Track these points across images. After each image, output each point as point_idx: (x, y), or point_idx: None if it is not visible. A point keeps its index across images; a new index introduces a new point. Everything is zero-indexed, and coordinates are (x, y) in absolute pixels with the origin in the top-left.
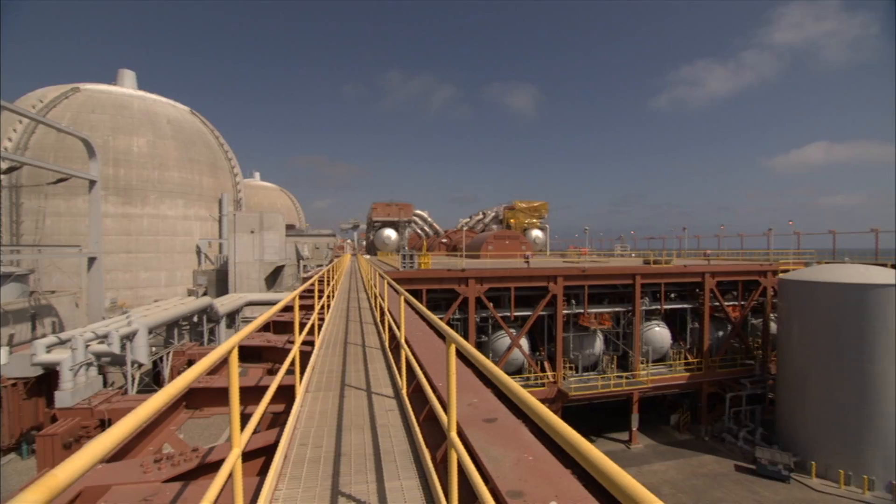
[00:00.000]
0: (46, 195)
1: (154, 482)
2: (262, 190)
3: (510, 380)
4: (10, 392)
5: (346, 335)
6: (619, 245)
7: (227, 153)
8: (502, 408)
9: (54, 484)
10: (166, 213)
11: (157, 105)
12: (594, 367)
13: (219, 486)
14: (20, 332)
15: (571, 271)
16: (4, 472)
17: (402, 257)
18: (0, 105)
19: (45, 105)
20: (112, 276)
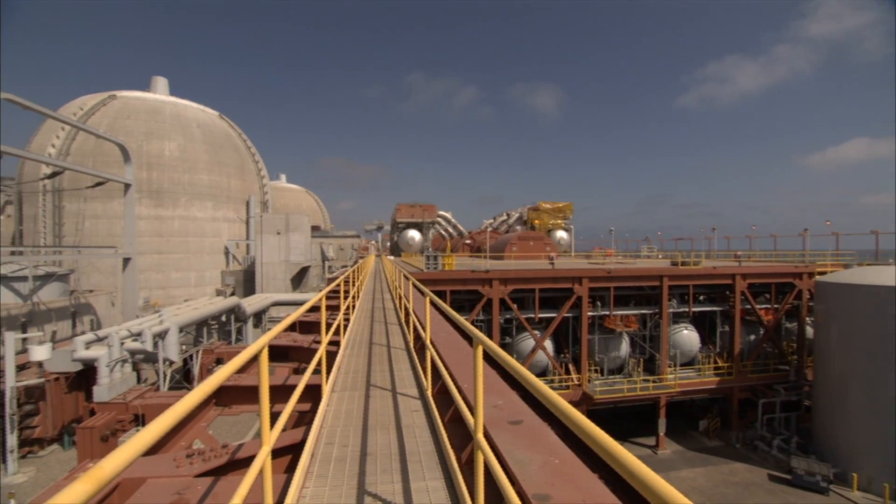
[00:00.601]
0: (86, 198)
1: (186, 476)
2: (288, 192)
3: (539, 381)
4: (52, 386)
5: (371, 335)
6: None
7: (255, 156)
8: (528, 410)
9: (102, 475)
10: (196, 214)
11: (187, 110)
12: (620, 371)
13: (250, 482)
14: (62, 329)
15: (597, 273)
16: (48, 462)
17: (425, 258)
18: (45, 113)
19: (85, 112)
20: (145, 276)
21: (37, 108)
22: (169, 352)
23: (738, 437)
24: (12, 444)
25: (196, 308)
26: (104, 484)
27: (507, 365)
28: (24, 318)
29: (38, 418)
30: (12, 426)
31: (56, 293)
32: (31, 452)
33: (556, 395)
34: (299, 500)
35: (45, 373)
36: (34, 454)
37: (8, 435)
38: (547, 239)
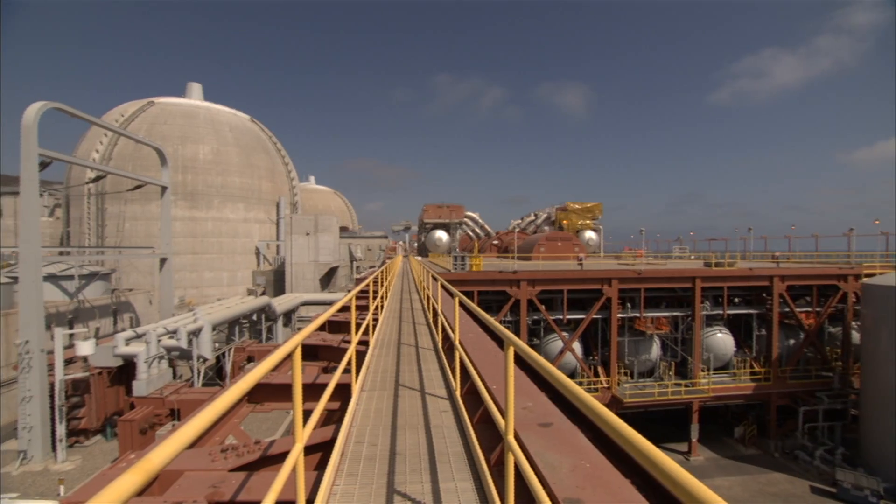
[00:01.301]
0: (126, 201)
1: (221, 470)
2: (317, 193)
3: (572, 383)
4: (96, 380)
5: (399, 335)
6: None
7: (284, 158)
8: (558, 412)
9: (150, 467)
10: (228, 216)
11: (220, 114)
12: (650, 374)
13: (284, 478)
14: (104, 325)
15: (626, 274)
16: (92, 451)
17: (453, 259)
18: (90, 120)
19: (126, 118)
20: (180, 275)
21: (82, 116)
22: (203, 349)
23: (777, 445)
24: (61, 433)
25: (228, 307)
26: (152, 475)
27: (540, 367)
28: (71, 315)
29: (83, 410)
30: (61, 417)
31: (99, 291)
32: (78, 442)
33: (590, 397)
34: (330, 498)
35: (90, 367)
36: (80, 444)
37: (57, 425)
38: (575, 239)
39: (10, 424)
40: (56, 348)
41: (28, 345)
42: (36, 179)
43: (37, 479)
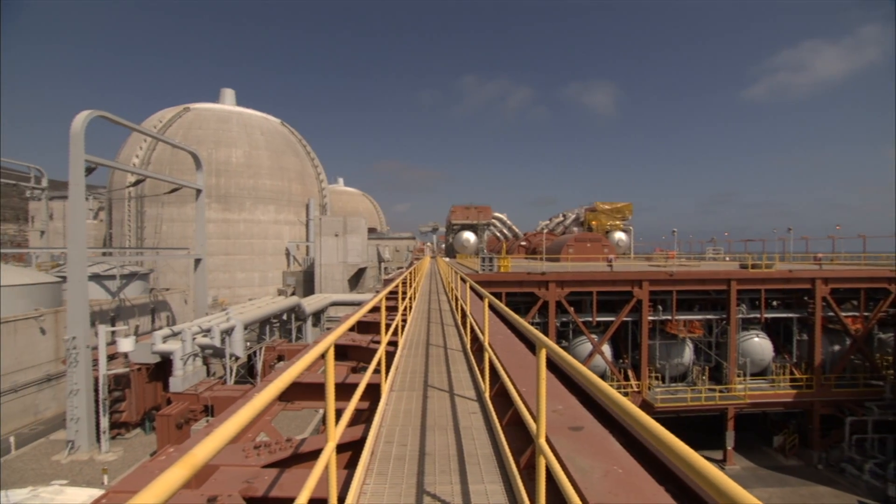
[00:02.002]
0: (163, 204)
1: (254, 466)
2: (346, 195)
3: (608, 386)
4: (136, 375)
5: (427, 336)
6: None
7: (314, 161)
8: (588, 416)
9: (195, 461)
10: (259, 218)
11: (252, 119)
12: (683, 378)
13: (317, 475)
14: (143, 323)
15: (658, 275)
16: (133, 444)
17: (481, 260)
18: (131, 127)
19: (164, 124)
20: (213, 276)
21: (124, 123)
22: (235, 348)
23: (821, 457)
24: (105, 425)
25: (259, 307)
26: (198, 469)
27: (574, 370)
28: (113, 313)
29: (124, 404)
30: (104, 409)
31: (138, 291)
32: (119, 434)
33: (626, 400)
34: (360, 497)
35: (130, 363)
36: (121, 436)
37: (101, 417)
38: (605, 240)
39: (59, 415)
40: (100, 345)
41: (75, 340)
42: (82, 184)
43: (83, 467)
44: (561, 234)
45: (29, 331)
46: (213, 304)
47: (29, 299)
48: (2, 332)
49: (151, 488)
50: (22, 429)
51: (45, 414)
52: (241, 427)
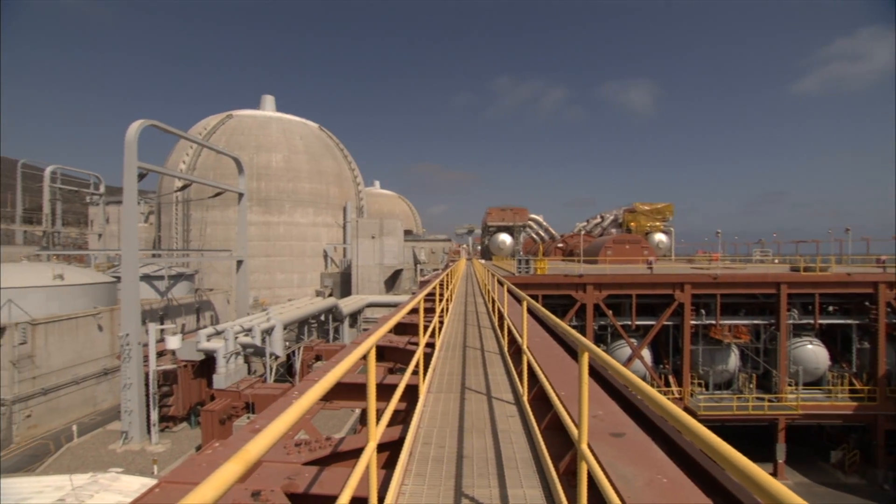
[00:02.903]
0: (208, 207)
1: (295, 464)
2: (382, 197)
3: (655, 392)
4: (182, 372)
5: (464, 338)
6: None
7: (351, 164)
8: (630, 422)
9: (249, 457)
10: (298, 220)
11: (291, 124)
12: (728, 386)
13: (359, 474)
14: (189, 322)
15: (701, 278)
16: (179, 437)
17: (517, 262)
18: (179, 134)
19: (208, 131)
20: (254, 276)
21: (172, 131)
22: (275, 347)
23: (888, 476)
24: (154, 418)
25: (298, 307)
26: (251, 465)
27: (619, 374)
28: (162, 312)
29: (172, 399)
30: (154, 403)
31: (184, 291)
32: (167, 427)
33: (676, 407)
34: (399, 497)
35: (177, 360)
36: (169, 429)
37: (151, 410)
38: (644, 242)
39: (114, 407)
40: (150, 342)
41: (128, 337)
42: (135, 189)
43: (136, 457)
44: (599, 236)
45: (88, 327)
46: (253, 305)
47: (88, 298)
48: (65, 328)
49: (210, 481)
50: (83, 418)
51: (102, 405)
52: (290, 426)
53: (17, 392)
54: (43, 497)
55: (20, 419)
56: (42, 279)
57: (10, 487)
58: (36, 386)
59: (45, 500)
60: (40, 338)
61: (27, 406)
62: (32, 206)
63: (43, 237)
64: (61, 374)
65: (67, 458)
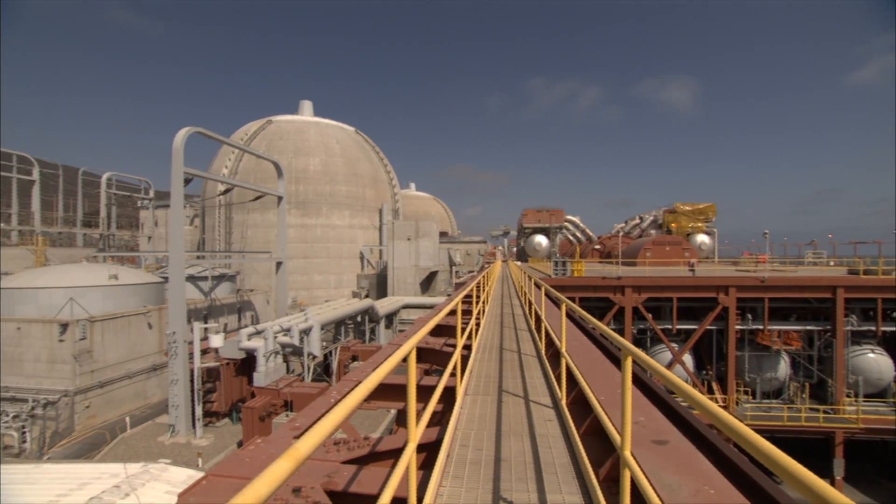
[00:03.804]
0: (248, 210)
1: (334, 462)
2: (418, 199)
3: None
4: (224, 369)
5: (501, 340)
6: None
7: (387, 167)
8: (673, 430)
9: (299, 455)
10: (335, 222)
11: (328, 128)
12: (777, 395)
13: (399, 475)
14: (231, 321)
15: (747, 281)
16: (222, 432)
17: (553, 264)
18: (222, 140)
19: (249, 137)
20: (293, 278)
21: (215, 137)
22: (312, 347)
23: None
24: (199, 413)
25: (335, 308)
26: (301, 462)
27: (668, 380)
28: (205, 311)
29: (215, 395)
30: (198, 399)
31: (227, 291)
32: (211, 422)
33: (728, 414)
34: (437, 498)
35: (220, 358)
36: (212, 424)
37: (196, 406)
38: (686, 243)
39: (163, 401)
40: (195, 340)
41: (175, 335)
42: (181, 194)
43: (182, 449)
44: (637, 238)
45: (139, 325)
46: (292, 305)
47: (139, 297)
48: (119, 325)
49: (263, 477)
50: (134, 411)
51: (151, 399)
52: (337, 425)
53: (78, 384)
54: (101, 483)
55: (81, 409)
56: (99, 279)
57: (73, 472)
58: (94, 379)
59: (103, 486)
60: (97, 334)
61: (86, 398)
62: (90, 211)
63: (100, 240)
64: (116, 369)
65: (121, 448)
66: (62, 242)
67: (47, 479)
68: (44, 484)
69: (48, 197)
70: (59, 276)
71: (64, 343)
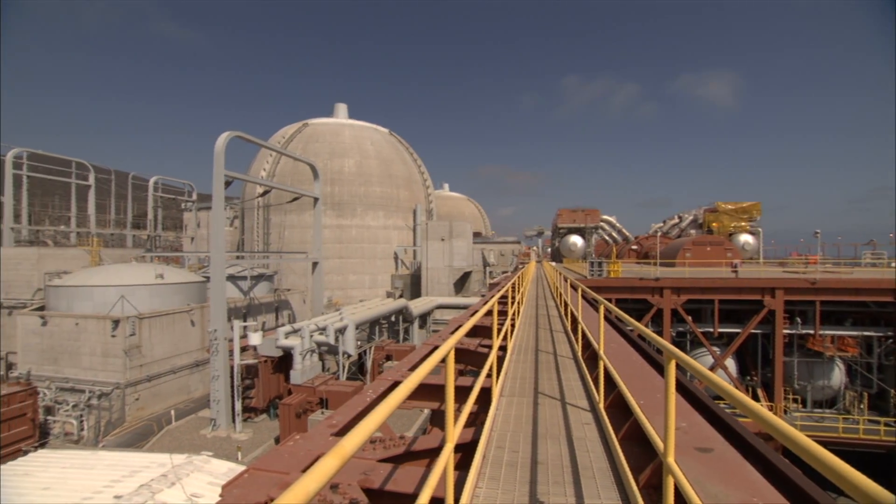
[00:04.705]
0: (285, 212)
1: (370, 460)
2: (451, 200)
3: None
4: (263, 367)
5: (536, 342)
6: (868, 252)
7: (420, 167)
8: (718, 437)
9: (345, 452)
10: (370, 223)
11: (362, 130)
12: (831, 404)
13: (437, 475)
14: (268, 320)
15: (796, 283)
16: (260, 427)
17: (589, 265)
18: (260, 144)
19: (286, 140)
20: (328, 278)
21: (254, 140)
22: (347, 346)
23: None
24: (238, 408)
25: (370, 308)
26: (347, 460)
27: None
28: (244, 310)
29: (253, 391)
30: (238, 395)
31: (265, 290)
32: (249, 418)
33: (782, 421)
34: (473, 499)
35: (258, 355)
36: (251, 420)
37: (236, 401)
38: (728, 243)
39: (204, 396)
40: (234, 337)
41: (216, 333)
42: (223, 196)
43: (222, 443)
44: (676, 238)
45: (183, 322)
46: (327, 305)
47: (183, 295)
48: (165, 322)
49: (312, 473)
50: (179, 404)
51: (194, 394)
52: (380, 423)
53: (128, 377)
54: (150, 471)
55: (131, 401)
56: (147, 278)
57: (125, 460)
58: (142, 373)
59: (151, 475)
60: (145, 330)
61: (136, 390)
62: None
63: (147, 240)
64: (162, 364)
65: (167, 439)
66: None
67: (103, 465)
68: (100, 469)
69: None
70: (111, 275)
71: (116, 338)
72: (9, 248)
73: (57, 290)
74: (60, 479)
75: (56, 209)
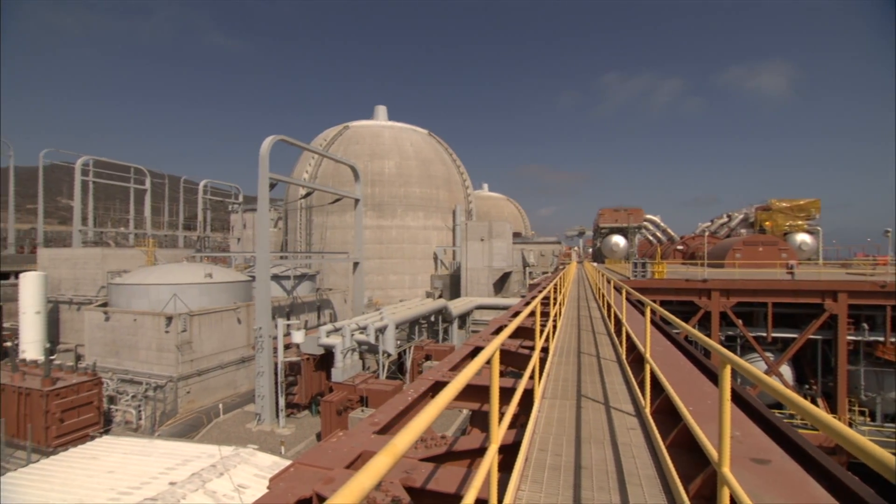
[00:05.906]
0: (327, 213)
1: (412, 459)
2: (490, 200)
3: (824, 413)
4: (305, 364)
5: (578, 344)
6: None
7: (459, 168)
8: (776, 448)
9: (397, 451)
10: (409, 224)
11: (402, 132)
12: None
13: (482, 476)
14: (311, 319)
15: (861, 286)
16: (302, 423)
17: (632, 265)
18: (303, 147)
19: (328, 142)
20: (369, 278)
21: (297, 144)
22: (387, 345)
23: None
24: (282, 404)
25: (409, 308)
26: (399, 458)
27: (777, 393)
28: (288, 309)
29: (296, 388)
30: (281, 391)
31: (307, 290)
32: (292, 413)
33: (862, 437)
34: (515, 502)
35: (301, 353)
36: (294, 415)
37: (279, 397)
38: (782, 243)
39: (250, 391)
40: (278, 335)
41: (261, 330)
42: (267, 198)
43: (267, 437)
44: (725, 237)
45: (230, 320)
46: (368, 304)
47: (230, 294)
48: (213, 319)
49: (366, 470)
50: (226, 399)
51: (240, 389)
52: (429, 423)
53: (180, 371)
54: (200, 461)
55: (183, 394)
56: (196, 277)
57: (178, 449)
58: (193, 367)
59: (202, 464)
60: (196, 327)
61: (187, 384)
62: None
63: (197, 241)
64: (210, 360)
65: (216, 431)
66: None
67: (158, 453)
68: (156, 457)
69: (156, 203)
70: (164, 274)
71: (169, 334)
72: (77, 248)
73: (118, 288)
74: (122, 464)
75: (117, 212)
